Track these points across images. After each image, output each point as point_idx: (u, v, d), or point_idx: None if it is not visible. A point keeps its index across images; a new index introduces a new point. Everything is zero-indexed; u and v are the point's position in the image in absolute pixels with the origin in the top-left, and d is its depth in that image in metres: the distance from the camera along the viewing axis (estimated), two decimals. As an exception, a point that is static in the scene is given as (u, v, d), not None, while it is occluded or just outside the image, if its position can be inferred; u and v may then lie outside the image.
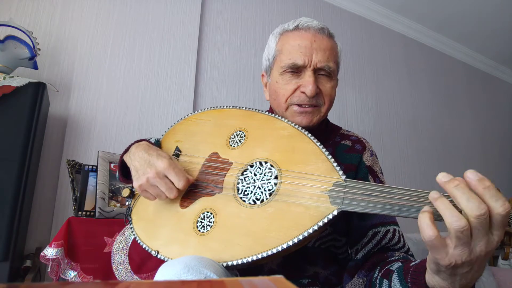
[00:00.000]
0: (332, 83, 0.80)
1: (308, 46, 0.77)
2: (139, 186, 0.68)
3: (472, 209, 0.42)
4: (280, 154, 0.68)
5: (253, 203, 0.65)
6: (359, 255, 0.76)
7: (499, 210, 0.42)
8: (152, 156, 0.69)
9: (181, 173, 0.67)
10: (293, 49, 0.78)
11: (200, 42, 2.19)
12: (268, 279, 0.27)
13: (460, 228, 0.42)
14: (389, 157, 2.84)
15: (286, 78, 0.79)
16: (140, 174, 0.68)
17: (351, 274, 0.76)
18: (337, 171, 0.61)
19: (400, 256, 0.71)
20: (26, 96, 1.34)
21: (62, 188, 1.64)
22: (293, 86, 0.78)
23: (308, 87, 0.75)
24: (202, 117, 0.84)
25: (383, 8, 3.05)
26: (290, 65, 0.77)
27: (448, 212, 0.44)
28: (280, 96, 0.80)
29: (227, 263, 0.59)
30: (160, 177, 0.66)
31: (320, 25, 0.80)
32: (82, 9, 1.87)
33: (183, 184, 0.66)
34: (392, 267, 0.65)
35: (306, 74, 0.77)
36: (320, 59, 0.76)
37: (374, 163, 0.85)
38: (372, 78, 2.96)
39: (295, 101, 0.78)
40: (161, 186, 0.67)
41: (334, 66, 0.79)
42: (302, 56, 0.76)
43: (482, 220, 0.41)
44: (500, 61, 3.98)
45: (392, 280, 0.61)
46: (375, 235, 0.75)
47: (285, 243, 0.57)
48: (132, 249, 1.33)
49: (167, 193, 0.67)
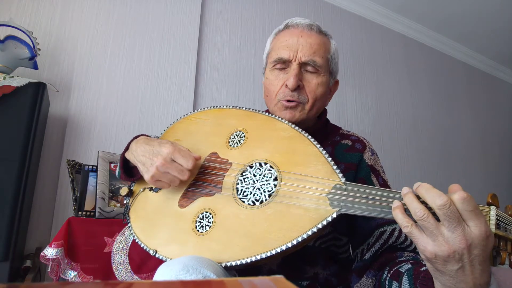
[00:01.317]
0: (318, 80, 0.80)
1: (295, 42, 0.79)
2: (151, 177, 0.68)
3: (435, 201, 0.46)
4: (280, 155, 0.68)
5: (252, 204, 0.65)
6: (366, 255, 0.76)
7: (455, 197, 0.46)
8: (155, 146, 0.70)
9: (187, 154, 0.68)
10: (281, 45, 0.81)
11: (200, 42, 2.19)
12: (268, 279, 0.27)
13: (421, 216, 0.47)
14: (389, 157, 2.84)
15: (275, 74, 0.82)
16: (148, 165, 0.68)
17: (359, 275, 0.75)
18: (336, 173, 0.61)
19: (409, 256, 0.71)
20: (26, 96, 1.34)
21: (62, 188, 1.64)
22: (280, 82, 0.80)
23: (290, 79, 0.77)
24: (201, 117, 0.84)
25: (383, 8, 3.05)
26: (276, 60, 0.80)
27: (412, 205, 0.49)
28: (270, 92, 0.82)
29: (225, 264, 0.59)
30: (168, 163, 0.67)
31: (309, 22, 0.81)
32: (82, 9, 1.87)
33: (191, 163, 0.67)
34: (402, 268, 0.65)
35: (291, 68, 0.79)
36: (304, 53, 0.78)
37: (376, 162, 0.85)
38: (372, 78, 2.95)
39: (281, 97, 0.80)
40: (172, 171, 0.67)
41: (321, 62, 0.79)
42: (287, 51, 0.79)
43: (446, 209, 0.45)
44: (500, 61, 3.97)
45: (402, 283, 0.61)
46: (382, 234, 0.74)
47: (284, 245, 0.57)
48: (132, 249, 1.33)
49: (179, 176, 0.67)
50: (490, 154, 3.74)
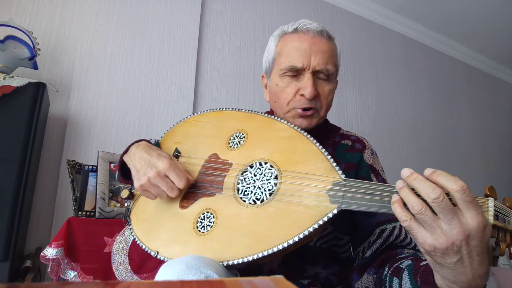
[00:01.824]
0: (330, 86, 0.81)
1: (307, 49, 0.77)
2: (140, 186, 0.68)
3: (429, 194, 0.46)
4: (280, 154, 0.69)
5: (253, 203, 0.65)
6: (367, 253, 0.76)
7: (454, 187, 0.45)
8: (153, 156, 0.69)
9: (181, 173, 0.67)
10: (292, 52, 0.79)
11: (200, 42, 2.19)
12: (268, 279, 0.27)
13: (419, 210, 0.47)
14: (389, 157, 2.84)
15: (286, 81, 0.80)
16: (141, 174, 0.68)
17: (360, 272, 0.76)
18: (336, 170, 0.62)
19: (409, 253, 0.71)
20: (26, 96, 1.34)
21: (62, 188, 1.64)
22: (293, 90, 0.79)
23: (307, 89, 0.76)
24: (201, 119, 0.84)
25: (383, 8, 3.05)
26: (289, 68, 0.78)
27: (409, 199, 0.49)
28: (281, 99, 0.81)
29: (227, 263, 0.59)
30: (161, 177, 0.66)
31: (319, 27, 0.81)
32: (82, 9, 1.87)
33: (184, 184, 0.67)
34: (402, 264, 0.65)
35: (305, 77, 0.78)
36: (318, 62, 0.77)
37: (375, 162, 0.86)
38: (372, 78, 2.96)
39: (297, 105, 0.79)
40: (162, 186, 0.67)
41: (332, 69, 0.80)
42: (301, 59, 0.77)
43: (439, 202, 0.45)
44: (500, 61, 3.98)
45: (403, 278, 0.61)
46: (382, 232, 0.75)
47: (286, 242, 0.57)
48: (132, 249, 1.33)
49: (168, 192, 0.67)
50: (490, 154, 3.74)
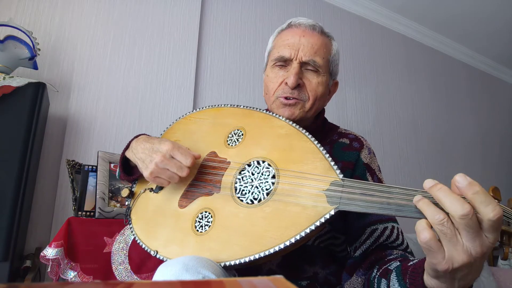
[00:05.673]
0: (318, 79, 0.81)
1: (296, 41, 0.80)
2: (150, 173, 0.68)
3: (456, 210, 0.42)
4: (278, 153, 0.68)
5: (251, 203, 0.65)
6: (357, 252, 0.76)
7: (490, 216, 0.40)
8: (154, 143, 0.70)
9: (186, 151, 0.68)
10: (282, 44, 0.81)
11: (200, 42, 2.19)
12: (268, 279, 0.26)
13: (440, 221, 0.42)
14: (389, 157, 2.84)
15: (275, 71, 0.82)
16: (148, 162, 0.69)
17: (349, 273, 0.76)
18: (334, 170, 0.61)
19: (398, 254, 0.71)
20: (26, 96, 1.34)
21: (62, 188, 1.64)
22: (280, 79, 0.81)
23: (290, 77, 0.77)
24: (200, 116, 0.84)
25: (383, 8, 3.05)
26: (277, 58, 0.81)
27: (429, 210, 0.44)
28: (269, 89, 0.83)
29: (225, 263, 0.59)
30: (167, 159, 0.67)
31: (312, 22, 0.82)
32: (82, 9, 1.87)
33: (190, 161, 0.67)
34: (391, 266, 0.65)
35: (292, 66, 0.79)
36: (305, 53, 0.78)
37: (372, 161, 0.86)
38: (372, 78, 2.95)
39: (280, 94, 0.80)
40: (171, 168, 0.67)
41: (321, 62, 0.80)
42: (289, 49, 0.79)
43: (467, 220, 0.41)
44: (500, 61, 3.97)
45: (391, 280, 0.61)
46: (373, 233, 0.75)
47: (283, 243, 0.57)
48: (132, 249, 1.33)
49: (178, 172, 0.67)
50: (490, 154, 3.74)
